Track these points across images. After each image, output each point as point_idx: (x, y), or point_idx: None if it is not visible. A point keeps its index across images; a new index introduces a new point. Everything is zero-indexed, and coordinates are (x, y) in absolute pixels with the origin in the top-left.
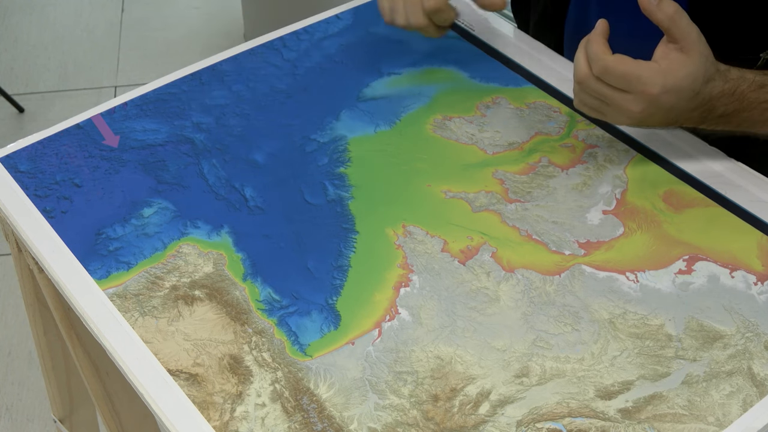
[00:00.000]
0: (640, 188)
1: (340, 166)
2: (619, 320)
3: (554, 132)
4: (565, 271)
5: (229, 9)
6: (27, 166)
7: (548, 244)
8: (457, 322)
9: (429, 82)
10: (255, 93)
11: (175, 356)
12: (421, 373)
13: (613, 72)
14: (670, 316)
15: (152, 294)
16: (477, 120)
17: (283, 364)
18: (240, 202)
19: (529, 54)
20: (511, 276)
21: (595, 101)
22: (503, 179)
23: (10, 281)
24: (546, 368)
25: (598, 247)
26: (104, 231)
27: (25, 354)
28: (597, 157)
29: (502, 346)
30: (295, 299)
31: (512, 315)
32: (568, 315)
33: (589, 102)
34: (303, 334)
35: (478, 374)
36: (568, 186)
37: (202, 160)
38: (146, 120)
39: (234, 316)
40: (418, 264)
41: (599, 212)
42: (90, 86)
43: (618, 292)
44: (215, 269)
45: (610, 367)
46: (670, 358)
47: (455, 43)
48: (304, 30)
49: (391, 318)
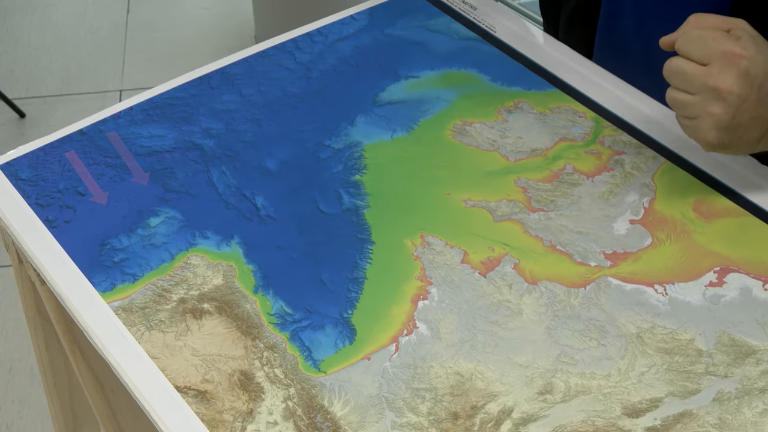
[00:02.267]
0: (669, 197)
1: (356, 173)
2: (647, 335)
3: (579, 138)
4: (590, 284)
5: (239, 9)
6: (28, 174)
7: (573, 255)
8: (478, 337)
9: (448, 85)
10: (266, 97)
11: (183, 372)
12: (440, 389)
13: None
14: (701, 331)
15: (159, 307)
16: (498, 125)
17: (296, 381)
18: (251, 211)
19: (553, 56)
20: (534, 288)
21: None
22: (526, 187)
23: (10, 294)
24: (571, 385)
25: (625, 258)
26: (109, 241)
27: (26, 370)
28: (624, 164)
29: (524, 362)
30: (309, 313)
31: (535, 329)
32: (594, 329)
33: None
34: (317, 349)
35: (499, 391)
36: (594, 194)
37: (211, 167)
38: (153, 125)
39: (245, 330)
40: (437, 276)
41: (626, 222)
42: (94, 90)
43: (646, 306)
44: (225, 281)
45: (638, 383)
46: (700, 374)
47: (476, 45)
48: (317, 31)
49: (409, 332)
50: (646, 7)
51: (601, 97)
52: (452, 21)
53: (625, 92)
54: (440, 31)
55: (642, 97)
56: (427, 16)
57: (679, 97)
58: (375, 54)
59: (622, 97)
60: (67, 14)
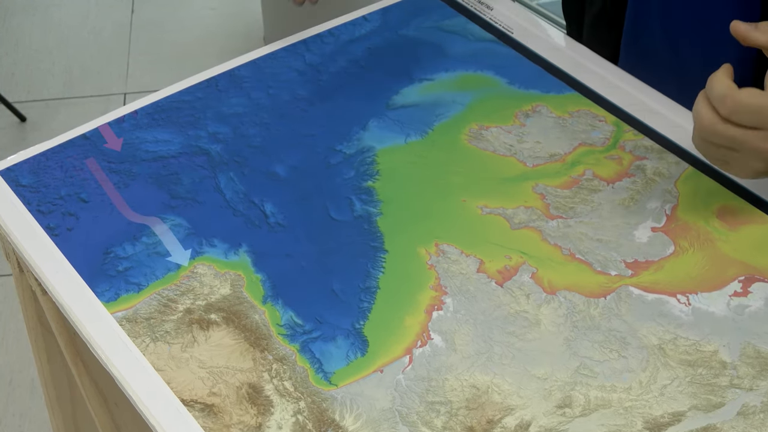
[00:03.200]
0: (693, 204)
1: (368, 179)
2: (670, 346)
3: (599, 143)
4: (611, 294)
5: (247, 9)
6: (29, 180)
7: (593, 263)
8: (495, 348)
9: (464, 88)
10: (276, 100)
11: (189, 385)
12: (456, 403)
13: (748, 107)
14: (725, 342)
15: (165, 318)
16: (516, 130)
17: (306, 394)
18: (259, 218)
19: (572, 58)
20: (552, 298)
21: (721, 150)
22: (544, 194)
23: (11, 304)
24: (590, 398)
25: (647, 267)
26: (113, 250)
27: (27, 383)
28: (646, 169)
29: (542, 375)
30: (319, 324)
31: (554, 340)
32: (615, 340)
33: (713, 153)
34: (328, 361)
35: (517, 405)
36: (615, 201)
37: (218, 173)
38: (158, 130)
39: (253, 341)
40: (452, 285)
41: (648, 229)
42: (97, 93)
43: (668, 316)
44: (233, 291)
45: (660, 396)
46: (724, 387)
47: (492, 46)
48: (328, 32)
49: (423, 344)
50: (673, 10)
51: (622, 100)
52: (468, 21)
53: (647, 95)
54: (455, 32)
55: (664, 101)
56: (442, 16)
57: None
58: (388, 56)
59: (644, 100)
60: (70, 15)
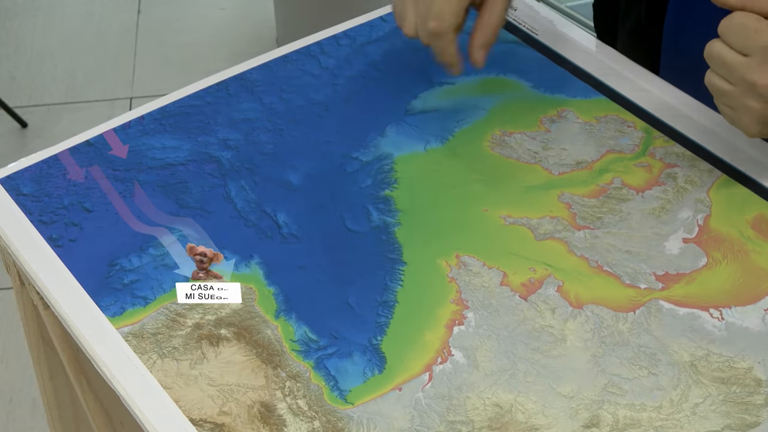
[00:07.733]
0: (726, 213)
1: (386, 188)
2: (702, 363)
3: (628, 149)
4: (640, 308)
5: (259, 10)
6: (30, 189)
7: (621, 276)
8: (518, 365)
9: (486, 92)
10: (289, 105)
11: (198, 404)
12: (478, 422)
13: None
14: (760, 359)
15: (172, 333)
16: (541, 136)
17: (321, 413)
18: (272, 229)
19: (600, 61)
20: (579, 313)
21: (722, 82)
22: (570, 203)
23: (11, 319)
24: (619, 417)
25: (678, 280)
26: (118, 262)
27: (29, 401)
28: (677, 178)
29: (569, 393)
30: (335, 339)
31: (580, 357)
32: (644, 357)
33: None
34: (343, 378)
35: (542, 424)
36: (644, 211)
37: (229, 181)
38: (166, 136)
39: (265, 358)
40: (474, 299)
41: (679, 240)
42: (102, 98)
43: (700, 331)
44: (244, 305)
45: (692, 415)
46: (759, 405)
47: (516, 48)
48: (344, 34)
49: (444, 360)
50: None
51: (652, 105)
52: None
53: (678, 100)
54: None
55: (695, 105)
56: None
57: (718, 84)
58: (407, 58)
59: (674, 105)
60: (73, 16)
